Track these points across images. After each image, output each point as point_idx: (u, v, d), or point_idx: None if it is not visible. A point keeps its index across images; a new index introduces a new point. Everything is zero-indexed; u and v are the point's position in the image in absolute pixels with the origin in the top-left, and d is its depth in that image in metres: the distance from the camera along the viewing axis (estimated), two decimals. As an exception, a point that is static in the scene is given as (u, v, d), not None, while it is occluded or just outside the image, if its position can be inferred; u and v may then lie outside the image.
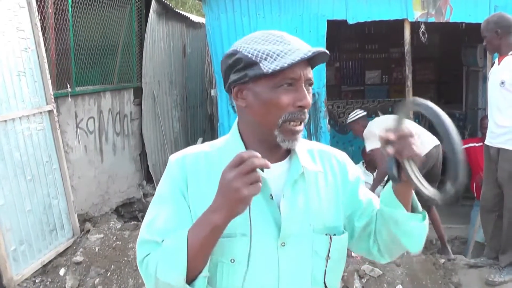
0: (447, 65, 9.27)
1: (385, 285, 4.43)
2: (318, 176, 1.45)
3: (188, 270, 1.24)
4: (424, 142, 5.25)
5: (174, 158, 1.45)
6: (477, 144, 5.94)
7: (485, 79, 6.70)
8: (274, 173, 1.37)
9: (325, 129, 6.28)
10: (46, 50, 5.07)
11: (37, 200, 4.70)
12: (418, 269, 4.61)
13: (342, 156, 1.55)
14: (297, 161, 1.41)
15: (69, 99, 5.66)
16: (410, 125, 1.36)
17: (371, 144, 5.52)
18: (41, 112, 4.87)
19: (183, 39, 8.91)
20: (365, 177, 6.35)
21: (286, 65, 1.28)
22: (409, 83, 6.17)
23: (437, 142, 5.35)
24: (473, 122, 7.83)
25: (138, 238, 1.38)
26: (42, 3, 5.23)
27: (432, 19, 5.94)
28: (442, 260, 4.85)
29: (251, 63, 1.32)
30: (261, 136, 1.38)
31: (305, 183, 1.41)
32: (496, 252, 4.60)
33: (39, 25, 4.90)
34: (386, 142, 1.31)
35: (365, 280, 4.47)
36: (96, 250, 4.82)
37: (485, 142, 4.47)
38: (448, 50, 9.03)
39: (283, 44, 1.33)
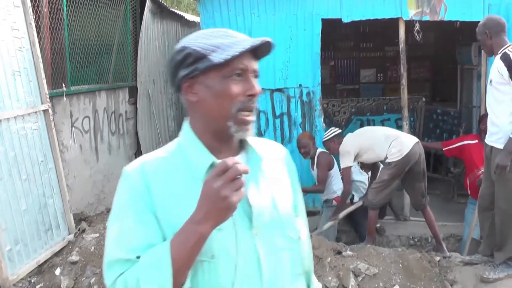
0: (442, 63, 9.31)
1: (380, 283, 4.45)
2: (274, 164, 1.51)
3: (174, 283, 1.23)
4: (404, 142, 5.32)
5: (130, 168, 1.39)
6: (471, 142, 5.96)
7: (479, 77, 6.73)
8: None
9: (320, 127, 6.30)
10: (41, 49, 5.05)
11: (32, 200, 4.69)
12: (414, 267, 4.62)
13: (286, 152, 1.62)
14: (254, 151, 1.46)
15: (64, 98, 5.65)
16: None
17: (345, 162, 5.64)
18: (36, 112, 4.86)
19: (178, 38, 8.90)
20: (360, 177, 6.37)
21: (237, 53, 1.32)
22: (404, 81, 6.19)
23: (416, 139, 5.44)
24: (467, 120, 7.85)
25: (105, 258, 1.32)
26: (37, 2, 5.21)
27: (426, 18, 5.96)
28: (438, 258, 4.87)
29: (201, 57, 1.35)
30: (214, 130, 1.39)
31: (265, 172, 1.46)
32: (491, 249, 4.63)
33: (33, 24, 4.88)
34: None
35: (361, 278, 4.48)
36: (92, 249, 4.81)
37: (484, 140, 4.51)
38: (442, 48, 9.06)
39: (229, 38, 1.37)
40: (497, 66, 4.14)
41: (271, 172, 1.48)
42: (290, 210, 1.48)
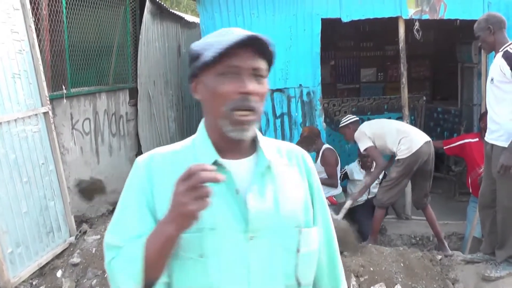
0: (442, 62, 9.30)
1: (382, 282, 4.44)
2: (285, 170, 1.46)
3: (147, 277, 1.27)
4: (414, 139, 5.31)
5: (140, 159, 1.43)
6: (472, 140, 5.96)
7: (479, 75, 6.73)
8: (240, 168, 1.38)
9: (321, 127, 6.30)
10: (40, 52, 5.05)
11: (33, 202, 4.69)
12: (415, 266, 4.62)
13: (309, 158, 1.56)
14: (263, 155, 1.41)
15: (65, 100, 5.65)
16: None
17: (364, 143, 5.60)
18: (36, 114, 4.86)
19: (178, 39, 8.90)
20: (360, 176, 6.37)
21: (222, 49, 1.29)
22: (404, 80, 6.19)
23: (427, 138, 5.40)
24: (468, 118, 7.85)
25: (104, 238, 1.39)
26: (36, 5, 5.22)
27: (426, 16, 5.96)
28: (439, 257, 4.87)
29: (197, 56, 1.38)
30: (218, 129, 1.38)
31: (273, 177, 1.41)
32: (492, 247, 4.62)
33: (33, 27, 4.88)
34: None
35: (362, 279, 4.48)
36: (93, 251, 4.81)
37: (484, 138, 4.50)
38: (442, 47, 9.05)
39: (227, 35, 1.35)
40: (499, 65, 4.07)
41: (280, 177, 1.43)
42: (296, 219, 1.42)
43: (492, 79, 4.19)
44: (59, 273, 4.67)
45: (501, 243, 4.49)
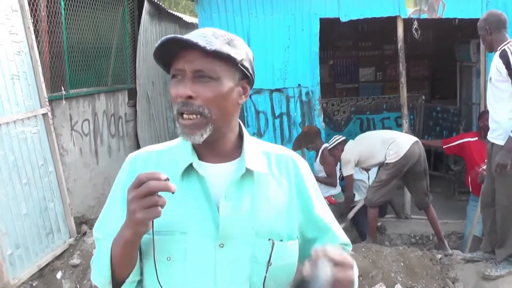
0: (441, 61, 9.30)
1: (382, 282, 4.45)
2: (268, 178, 1.40)
3: (115, 275, 1.31)
4: (400, 143, 5.34)
5: (128, 157, 1.46)
6: (471, 139, 5.96)
7: (478, 74, 6.73)
8: (220, 173, 1.36)
9: (320, 127, 6.30)
10: (39, 53, 5.05)
11: (33, 204, 4.69)
12: (415, 265, 4.62)
13: (301, 161, 1.49)
14: (243, 160, 1.37)
15: (64, 101, 5.65)
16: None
17: (347, 170, 5.71)
18: (35, 116, 4.86)
19: (176, 39, 8.89)
20: (360, 176, 6.37)
21: (154, 52, 1.33)
22: (403, 79, 6.19)
23: (414, 139, 5.45)
24: (467, 117, 7.85)
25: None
26: (35, 6, 5.21)
27: (424, 16, 5.97)
28: (439, 256, 4.88)
29: None
30: None
31: (253, 184, 1.36)
32: (493, 246, 4.63)
33: (32, 28, 4.88)
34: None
35: (362, 278, 4.48)
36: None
37: (487, 137, 4.52)
38: (441, 46, 9.05)
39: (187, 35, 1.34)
40: (495, 64, 4.14)
41: (261, 185, 1.37)
42: (271, 230, 1.35)
43: (490, 78, 4.26)
44: (59, 275, 4.67)
45: (501, 242, 4.50)
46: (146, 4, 7.29)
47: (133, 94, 7.30)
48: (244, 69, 1.36)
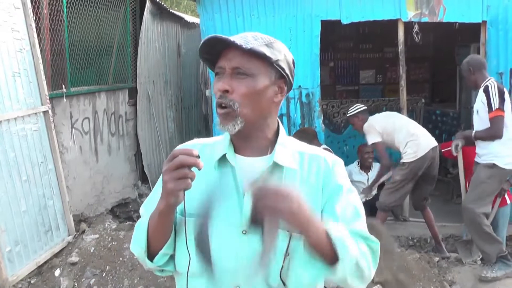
0: (441, 64, 9.32)
1: (378, 285, 4.45)
2: (297, 174, 1.47)
3: (151, 246, 1.44)
4: (421, 144, 5.32)
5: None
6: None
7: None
8: (252, 166, 1.46)
9: (320, 128, 6.31)
10: (41, 50, 5.07)
11: (32, 201, 4.71)
12: (413, 267, 4.63)
13: (334, 161, 1.53)
14: (272, 155, 1.46)
15: (64, 99, 5.66)
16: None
17: (372, 137, 5.61)
18: (36, 113, 4.88)
19: (177, 39, 8.91)
20: (359, 177, 6.38)
21: (199, 51, 1.46)
22: (403, 82, 6.21)
23: (435, 143, 5.44)
24: (466, 121, 7.86)
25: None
26: (37, 4, 5.23)
27: (425, 19, 5.98)
28: (437, 258, 4.90)
29: None
30: None
31: (281, 179, 1.45)
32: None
33: (34, 26, 4.90)
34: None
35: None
36: (92, 250, 4.82)
37: (474, 160, 5.06)
38: (441, 49, 9.07)
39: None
40: (480, 98, 4.81)
41: (289, 181, 1.44)
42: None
43: (477, 111, 4.90)
44: (57, 272, 4.68)
45: (478, 247, 4.83)
46: (148, 4, 7.30)
47: (134, 93, 7.31)
48: (280, 69, 1.45)
